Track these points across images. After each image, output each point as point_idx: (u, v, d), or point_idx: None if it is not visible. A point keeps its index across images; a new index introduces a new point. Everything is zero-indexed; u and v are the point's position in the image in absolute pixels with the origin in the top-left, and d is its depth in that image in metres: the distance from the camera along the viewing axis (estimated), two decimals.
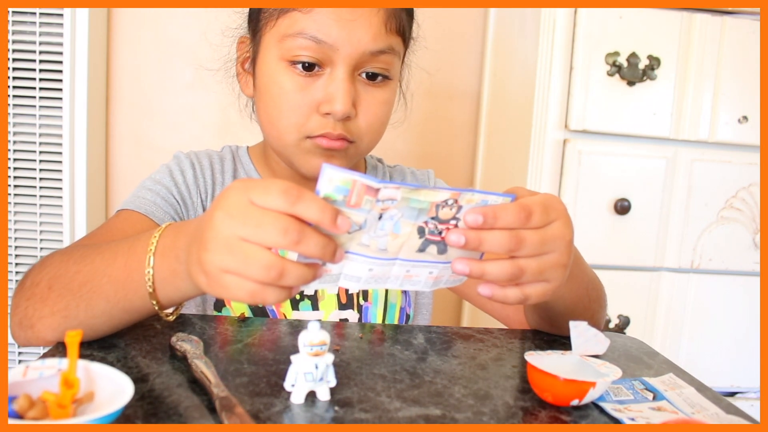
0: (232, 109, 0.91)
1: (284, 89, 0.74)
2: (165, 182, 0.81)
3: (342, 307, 0.81)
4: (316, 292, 0.81)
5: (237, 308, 0.79)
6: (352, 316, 0.82)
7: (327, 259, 0.47)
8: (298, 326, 0.69)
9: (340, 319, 0.81)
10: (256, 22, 0.78)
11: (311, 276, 0.48)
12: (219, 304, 0.80)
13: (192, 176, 0.82)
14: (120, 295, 0.57)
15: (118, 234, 0.71)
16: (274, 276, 0.46)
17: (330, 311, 0.81)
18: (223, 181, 0.85)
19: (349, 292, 0.82)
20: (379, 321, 0.83)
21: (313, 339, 0.50)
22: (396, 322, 0.84)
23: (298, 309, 0.80)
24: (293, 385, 0.51)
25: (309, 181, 0.83)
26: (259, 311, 0.79)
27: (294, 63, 0.73)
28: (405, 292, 0.86)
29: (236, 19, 0.84)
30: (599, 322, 0.76)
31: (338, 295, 0.82)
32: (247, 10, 0.82)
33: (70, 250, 0.64)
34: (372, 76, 0.75)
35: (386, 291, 0.83)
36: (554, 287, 0.54)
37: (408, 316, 0.87)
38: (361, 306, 0.82)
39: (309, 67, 0.73)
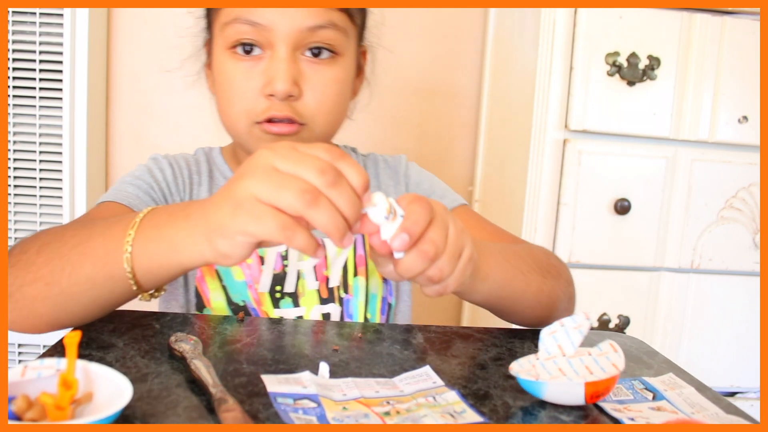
0: None
1: (230, 77, 0.76)
2: (145, 178, 0.81)
3: (323, 301, 0.81)
4: (296, 289, 0.81)
5: (217, 308, 0.79)
6: (334, 309, 0.81)
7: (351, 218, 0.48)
8: (297, 326, 0.69)
9: (323, 314, 0.81)
10: (208, 20, 0.80)
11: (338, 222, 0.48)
12: (200, 305, 0.80)
13: (171, 174, 0.83)
14: (109, 257, 0.55)
15: None
16: (309, 200, 0.46)
17: (311, 307, 0.81)
18: (200, 182, 0.86)
19: (330, 286, 0.82)
20: (362, 312, 0.83)
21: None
22: (378, 313, 0.84)
23: (279, 307, 0.80)
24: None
25: None
26: (239, 311, 0.78)
27: (234, 48, 0.74)
28: (386, 282, 0.85)
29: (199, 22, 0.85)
30: (551, 292, 0.73)
31: (318, 290, 0.82)
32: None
33: (68, 224, 0.63)
34: (316, 53, 0.75)
35: (367, 282, 0.84)
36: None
37: (390, 306, 0.86)
38: (342, 299, 0.82)
39: (249, 50, 0.74)
